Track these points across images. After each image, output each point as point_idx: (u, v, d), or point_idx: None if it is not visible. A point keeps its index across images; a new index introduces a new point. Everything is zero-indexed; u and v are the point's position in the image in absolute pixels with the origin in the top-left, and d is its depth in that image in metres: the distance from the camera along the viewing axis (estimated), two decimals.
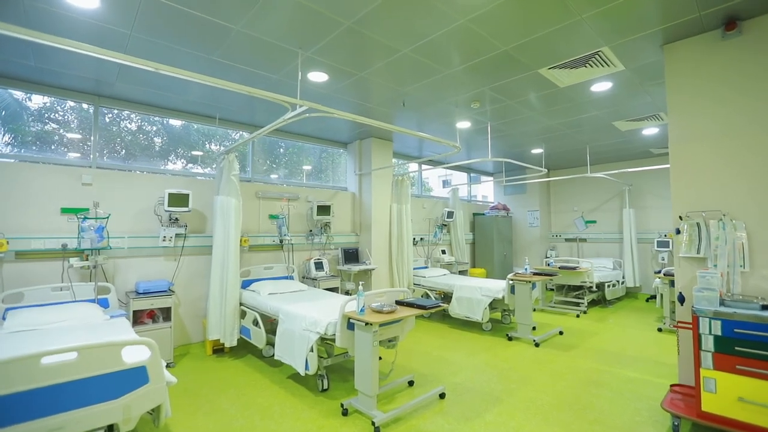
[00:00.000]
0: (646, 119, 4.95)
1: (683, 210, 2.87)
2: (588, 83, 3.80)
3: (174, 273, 4.23)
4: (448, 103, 4.32)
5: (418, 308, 2.99)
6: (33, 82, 3.66)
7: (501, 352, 4.22)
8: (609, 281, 6.57)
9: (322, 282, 4.97)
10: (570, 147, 6.45)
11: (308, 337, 3.06)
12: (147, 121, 4.47)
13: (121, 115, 4.28)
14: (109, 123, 4.22)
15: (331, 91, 3.94)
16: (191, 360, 4.02)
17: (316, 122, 5.05)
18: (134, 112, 4.32)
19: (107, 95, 4.03)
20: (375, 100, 4.22)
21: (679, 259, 2.85)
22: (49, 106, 3.91)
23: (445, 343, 4.56)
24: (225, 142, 5.11)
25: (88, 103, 4.03)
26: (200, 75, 2.38)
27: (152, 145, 4.51)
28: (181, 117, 4.59)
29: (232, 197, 4.14)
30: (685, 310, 2.82)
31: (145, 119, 4.45)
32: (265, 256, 4.99)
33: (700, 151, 2.83)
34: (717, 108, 2.78)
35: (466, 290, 5.14)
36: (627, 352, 4.17)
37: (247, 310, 4.03)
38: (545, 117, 4.86)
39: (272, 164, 5.58)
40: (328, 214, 5.36)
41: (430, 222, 7.12)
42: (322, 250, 5.58)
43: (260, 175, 5.37)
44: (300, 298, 3.96)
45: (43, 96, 3.84)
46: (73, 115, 4.02)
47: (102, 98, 4.06)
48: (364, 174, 5.95)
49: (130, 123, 4.36)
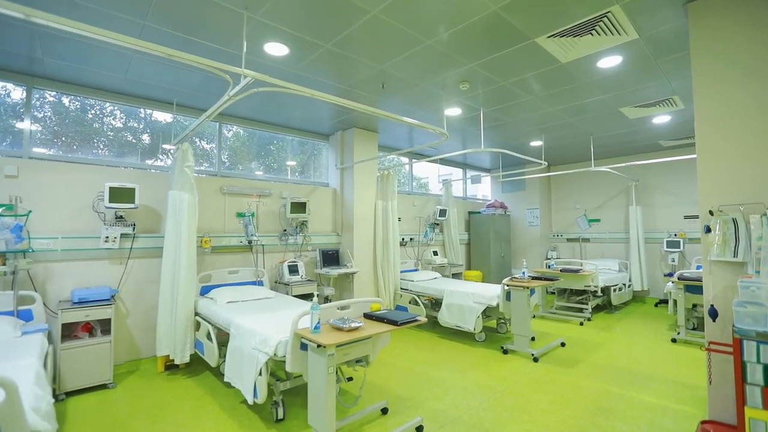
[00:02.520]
0: (658, 105, 4.41)
1: (714, 203, 2.33)
2: (594, 58, 3.26)
3: (120, 279, 3.70)
4: (434, 84, 3.78)
5: (389, 324, 2.45)
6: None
7: (494, 368, 3.68)
8: (615, 285, 6.03)
9: (296, 287, 4.43)
10: (572, 139, 5.90)
11: (257, 357, 2.53)
12: (102, 108, 3.94)
13: (74, 102, 3.76)
14: (53, 108, 3.70)
15: (296, 69, 3.41)
16: (138, 378, 3.50)
17: (292, 110, 4.52)
18: (73, 95, 3.78)
19: (40, 75, 3.50)
20: (349, 80, 3.69)
21: (710, 264, 2.31)
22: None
23: (431, 357, 4.02)
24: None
25: (18, 84, 3.50)
26: (113, 33, 1.86)
27: (102, 133, 3.99)
28: (132, 102, 4.06)
29: (186, 192, 3.61)
30: (718, 327, 2.27)
31: (101, 107, 3.93)
32: (231, 258, 4.45)
33: (735, 130, 2.29)
34: (754, 78, 2.24)
35: (456, 296, 4.60)
36: (639, 369, 3.62)
37: (201, 321, 3.50)
38: (544, 102, 4.32)
39: (250, 159, 5.05)
40: (303, 212, 4.82)
41: (421, 221, 6.58)
42: (298, 252, 5.04)
43: (229, 169, 4.84)
44: (262, 307, 3.43)
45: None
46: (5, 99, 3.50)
47: (35, 78, 3.54)
48: (347, 168, 5.42)
49: (87, 111, 3.84)
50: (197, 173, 4.46)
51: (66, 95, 3.77)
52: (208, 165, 4.65)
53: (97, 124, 3.97)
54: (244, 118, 4.87)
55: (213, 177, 4.52)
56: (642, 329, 5.05)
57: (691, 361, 3.85)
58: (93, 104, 3.94)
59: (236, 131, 5.01)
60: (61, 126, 3.77)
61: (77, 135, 3.85)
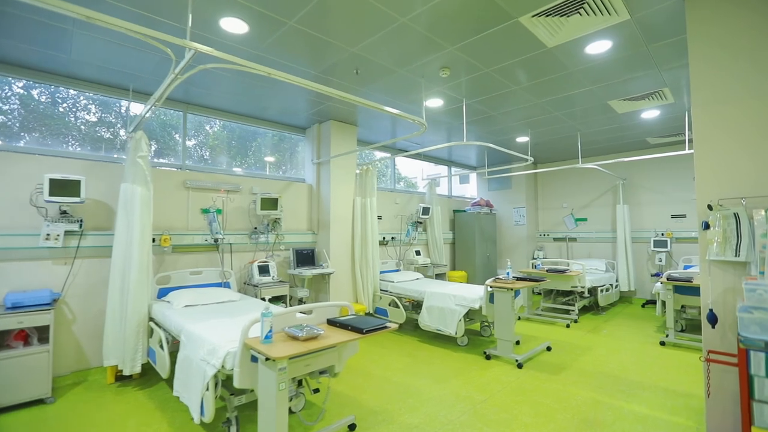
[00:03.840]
0: (648, 98, 4.22)
1: (712, 197, 2.11)
2: (582, 42, 3.03)
3: (65, 281, 3.35)
4: (413, 71, 3.52)
5: (353, 331, 2.17)
6: None
7: (476, 376, 3.43)
8: (602, 285, 5.85)
9: (266, 289, 4.12)
10: (559, 134, 5.71)
11: (204, 370, 2.22)
12: (51, 94, 3.58)
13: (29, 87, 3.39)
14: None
15: (258, 50, 3.10)
16: (83, 391, 3.15)
17: (264, 100, 4.20)
18: (13, 77, 3.41)
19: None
20: (320, 65, 3.40)
21: (709, 264, 2.09)
22: None
23: (410, 364, 3.75)
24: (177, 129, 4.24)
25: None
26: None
27: (49, 121, 3.62)
28: (82, 87, 3.70)
29: (139, 185, 3.28)
30: (717, 334, 2.05)
31: (49, 92, 3.56)
32: (194, 258, 4.12)
33: (735, 117, 2.08)
34: (756, 61, 2.02)
35: (437, 298, 4.35)
36: (628, 376, 3.41)
37: (154, 328, 3.17)
38: (531, 93, 4.09)
39: (230, 155, 4.71)
40: (275, 209, 4.51)
41: (403, 219, 6.31)
42: (270, 252, 4.73)
43: (198, 162, 4.50)
44: (222, 311, 3.12)
45: None
46: None
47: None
48: (323, 162, 5.12)
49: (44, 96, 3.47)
50: (159, 166, 4.12)
51: (3, 77, 3.40)
52: (174, 158, 4.31)
53: (45, 109, 3.60)
54: (216, 109, 4.53)
55: (176, 170, 4.18)
56: (630, 331, 4.87)
57: (681, 365, 3.66)
58: (41, 90, 3.57)
59: (216, 127, 4.68)
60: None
61: (24, 123, 3.48)
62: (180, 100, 4.25)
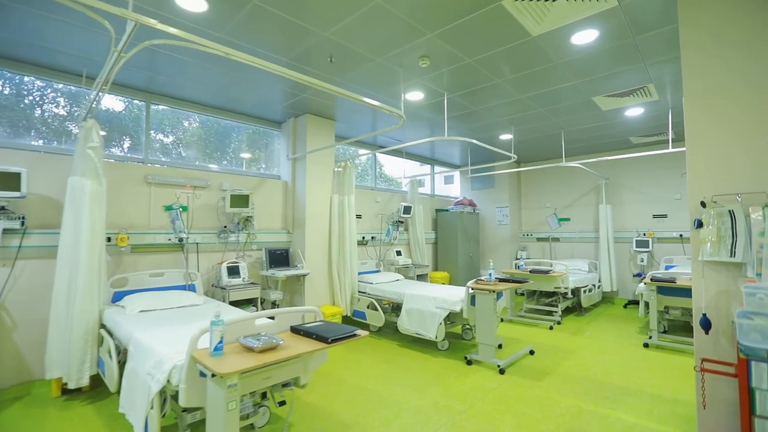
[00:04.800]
0: (632, 94, 4.12)
1: (705, 193, 1.97)
2: (568, 31, 2.88)
3: (4, 284, 3.02)
4: (390, 59, 3.31)
5: (318, 341, 1.95)
6: None
7: (456, 383, 3.25)
8: (585, 286, 5.76)
9: (235, 292, 3.85)
10: (543, 132, 5.59)
11: (149, 385, 1.96)
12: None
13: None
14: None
15: (222, 32, 2.85)
16: (23, 407, 2.83)
17: (233, 90, 3.93)
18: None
19: None
20: (292, 51, 3.17)
21: (702, 265, 1.95)
22: None
23: (387, 370, 3.55)
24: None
25: None
26: None
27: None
28: (27, 71, 3.37)
29: (89, 179, 2.97)
30: (711, 341, 1.91)
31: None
32: (157, 259, 3.82)
33: (729, 107, 1.94)
34: (752, 49, 1.89)
35: (417, 300, 4.15)
36: (613, 381, 3.28)
37: (105, 336, 2.88)
38: (514, 88, 3.94)
39: (194, 149, 4.41)
40: (246, 206, 4.24)
41: (383, 218, 6.11)
42: (241, 252, 4.45)
43: (165, 156, 4.20)
44: (181, 317, 2.85)
45: None
46: None
47: None
48: (299, 158, 4.87)
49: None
50: (120, 159, 3.82)
51: None
52: (134, 152, 3.99)
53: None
54: (184, 100, 4.23)
55: (138, 164, 3.88)
56: (613, 333, 4.78)
57: (666, 368, 3.55)
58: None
59: (195, 123, 4.39)
60: None
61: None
62: (142, 88, 3.94)
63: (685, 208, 6.09)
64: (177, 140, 4.39)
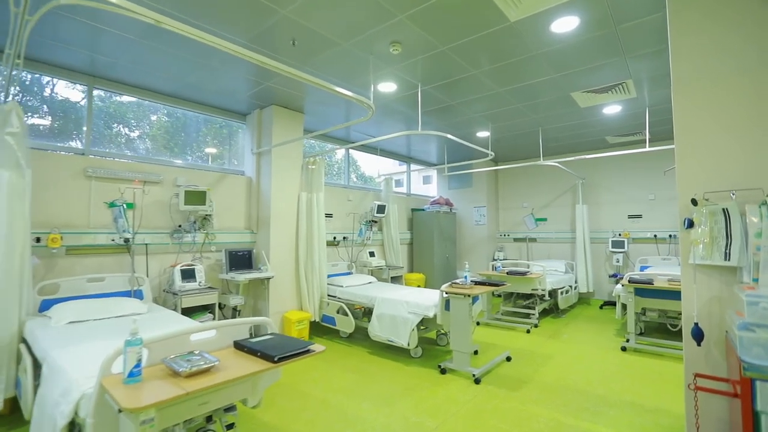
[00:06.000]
0: (611, 90, 4.00)
1: (697, 189, 1.79)
2: (548, 17, 2.69)
3: None
4: (359, 44, 3.04)
5: (263, 359, 1.66)
6: None
7: (429, 395, 3.01)
8: (562, 287, 5.65)
9: (189, 298, 3.49)
10: (521, 129, 5.45)
11: (55, 418, 1.62)
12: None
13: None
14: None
15: (167, 4, 2.51)
16: None
17: (188, 75, 3.57)
18: None
19: None
20: (249, 31, 2.85)
21: (693, 269, 1.76)
22: None
23: (355, 382, 3.27)
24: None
25: None
26: None
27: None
28: None
29: (6, 169, 2.57)
30: (702, 351, 1.73)
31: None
32: (98, 261, 3.42)
33: (724, 93, 1.77)
34: (745, 31, 1.73)
35: (389, 305, 3.90)
36: (593, 389, 3.12)
37: (24, 352, 2.48)
38: (491, 80, 3.74)
39: (147, 140, 4.00)
40: (203, 203, 3.88)
41: (356, 217, 5.83)
42: (198, 254, 4.09)
43: (114, 148, 3.79)
44: (116, 330, 2.49)
45: None
46: None
47: None
48: (264, 153, 4.54)
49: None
50: (54, 150, 3.40)
51: None
52: (74, 142, 3.57)
53: None
54: (136, 87, 3.83)
55: (77, 155, 3.46)
56: (590, 336, 4.66)
57: (645, 374, 3.43)
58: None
59: (164, 117, 3.99)
60: None
61: None
62: (84, 71, 3.53)
63: (659, 208, 6.09)
64: (128, 132, 3.98)
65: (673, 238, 5.91)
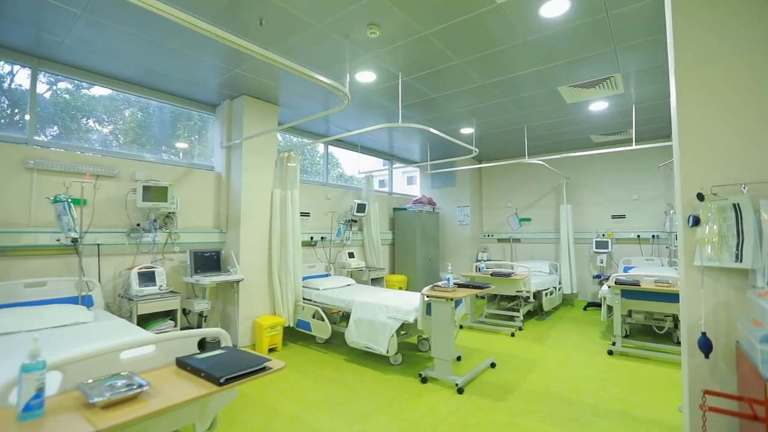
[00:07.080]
0: (598, 85, 3.86)
1: (702, 182, 1.61)
2: (537, 1, 2.49)
3: None
4: (333, 26, 2.79)
5: (207, 380, 1.40)
6: None
7: (408, 408, 2.77)
8: (546, 289, 5.52)
9: (145, 303, 3.17)
10: (505, 126, 5.29)
11: None
12: None
13: None
14: None
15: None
16: None
17: (148, 59, 3.24)
18: None
19: None
20: (210, 6, 2.57)
21: (700, 271, 1.58)
22: None
23: (329, 393, 3.01)
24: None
25: None
26: None
27: None
28: None
29: None
30: (709, 365, 1.54)
31: None
32: (40, 264, 3.06)
33: (729, 78, 1.59)
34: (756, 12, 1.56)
35: (367, 309, 3.66)
36: (581, 397, 2.94)
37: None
38: (475, 71, 3.54)
39: (103, 131, 3.64)
40: (164, 200, 3.55)
41: (335, 216, 5.56)
42: (160, 255, 3.75)
43: (65, 139, 3.42)
44: (55, 342, 2.17)
45: None
46: None
47: None
48: (234, 146, 4.23)
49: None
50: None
51: None
52: (12, 131, 3.20)
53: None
54: (90, 71, 3.47)
55: (17, 145, 3.10)
56: (575, 339, 4.52)
57: (633, 380, 3.28)
58: None
59: (138, 111, 3.63)
60: None
61: None
62: (27, 51, 3.17)
63: (643, 208, 6.03)
64: (83, 121, 3.62)
65: (657, 239, 5.86)
